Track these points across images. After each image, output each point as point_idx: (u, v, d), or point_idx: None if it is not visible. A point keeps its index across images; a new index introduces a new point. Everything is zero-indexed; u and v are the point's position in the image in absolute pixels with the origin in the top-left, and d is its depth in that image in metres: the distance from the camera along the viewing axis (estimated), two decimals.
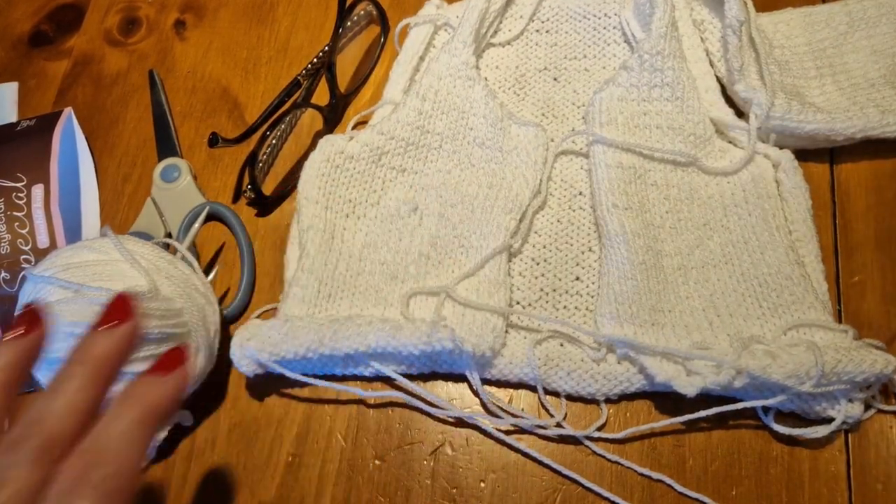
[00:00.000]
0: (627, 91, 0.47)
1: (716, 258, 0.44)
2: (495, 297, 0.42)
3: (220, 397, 0.45)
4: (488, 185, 0.47)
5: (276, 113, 0.50)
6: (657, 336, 0.41)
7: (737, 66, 0.46)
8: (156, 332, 0.37)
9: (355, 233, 0.47)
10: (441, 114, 0.48)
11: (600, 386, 0.41)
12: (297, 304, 0.43)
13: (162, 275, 0.39)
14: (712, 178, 0.46)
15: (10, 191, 0.51)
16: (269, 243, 0.50)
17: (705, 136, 0.46)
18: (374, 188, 0.48)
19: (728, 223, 0.44)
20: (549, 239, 0.46)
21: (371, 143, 0.48)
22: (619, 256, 0.42)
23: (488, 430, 0.41)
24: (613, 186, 0.45)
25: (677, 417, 0.40)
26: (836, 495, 0.39)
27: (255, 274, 0.49)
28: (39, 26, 0.61)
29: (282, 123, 0.52)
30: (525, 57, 0.53)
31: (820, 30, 0.50)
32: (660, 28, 0.46)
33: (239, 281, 0.48)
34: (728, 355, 0.38)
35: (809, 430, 0.39)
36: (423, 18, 0.53)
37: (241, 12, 0.60)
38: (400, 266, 0.45)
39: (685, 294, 0.43)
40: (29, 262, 0.49)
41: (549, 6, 0.54)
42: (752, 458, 0.40)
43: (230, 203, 0.51)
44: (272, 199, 0.51)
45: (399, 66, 0.52)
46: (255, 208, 0.51)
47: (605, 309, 0.42)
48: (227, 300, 0.48)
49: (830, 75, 0.48)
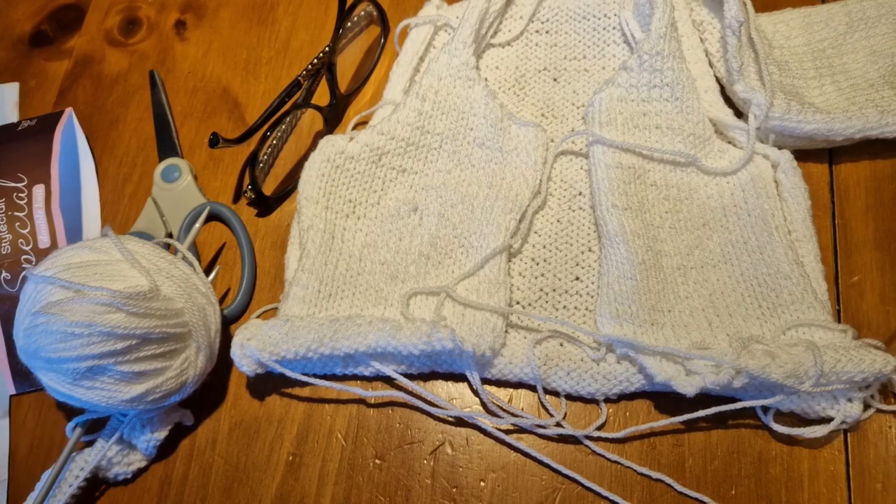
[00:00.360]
0: (627, 91, 0.47)
1: (715, 258, 0.44)
2: (495, 297, 0.43)
3: (220, 397, 0.45)
4: (488, 185, 0.47)
5: (277, 113, 0.50)
6: (656, 336, 0.41)
7: (736, 67, 0.46)
8: (157, 332, 0.37)
9: (355, 233, 0.47)
10: (441, 114, 0.48)
11: (600, 385, 0.41)
12: (297, 303, 0.44)
13: (163, 275, 0.40)
14: (711, 179, 0.46)
15: (11, 191, 0.51)
16: (270, 243, 0.50)
17: (704, 137, 0.46)
18: (374, 188, 0.48)
19: (727, 223, 0.44)
20: (548, 239, 0.46)
21: (371, 143, 0.48)
22: (618, 256, 0.43)
23: (488, 429, 0.42)
24: (613, 186, 0.45)
25: (677, 417, 0.40)
26: (835, 495, 0.39)
27: (256, 274, 0.49)
28: (40, 26, 0.61)
29: (282, 124, 0.52)
30: (525, 57, 0.53)
31: (819, 30, 0.50)
32: (659, 28, 0.46)
33: (239, 281, 0.48)
34: (727, 355, 0.38)
35: (808, 429, 0.39)
36: (423, 19, 0.53)
37: (242, 12, 0.60)
38: (400, 266, 0.45)
39: (685, 294, 0.43)
40: (30, 262, 0.49)
41: (549, 7, 0.54)
42: (751, 458, 0.40)
43: (231, 203, 0.52)
44: (273, 200, 0.51)
45: (399, 66, 0.52)
46: (256, 208, 0.51)
47: (605, 309, 0.42)
48: (228, 300, 0.48)
49: (829, 76, 0.48)
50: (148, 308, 0.37)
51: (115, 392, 0.38)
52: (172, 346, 0.39)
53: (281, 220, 0.51)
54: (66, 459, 0.40)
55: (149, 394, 0.38)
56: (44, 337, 0.36)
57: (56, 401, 0.45)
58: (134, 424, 0.42)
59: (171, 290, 0.39)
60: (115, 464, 0.42)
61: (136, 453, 0.43)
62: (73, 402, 0.39)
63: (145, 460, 0.43)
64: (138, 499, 0.43)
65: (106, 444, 0.41)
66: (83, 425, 0.41)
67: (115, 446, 0.42)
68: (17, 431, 0.46)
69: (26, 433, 0.46)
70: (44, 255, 0.46)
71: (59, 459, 0.40)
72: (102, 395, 0.38)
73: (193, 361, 0.40)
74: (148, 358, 0.38)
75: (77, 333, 0.36)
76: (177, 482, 0.43)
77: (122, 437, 0.42)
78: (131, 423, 0.42)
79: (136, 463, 0.43)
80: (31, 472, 0.44)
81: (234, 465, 0.43)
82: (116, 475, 0.42)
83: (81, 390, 0.37)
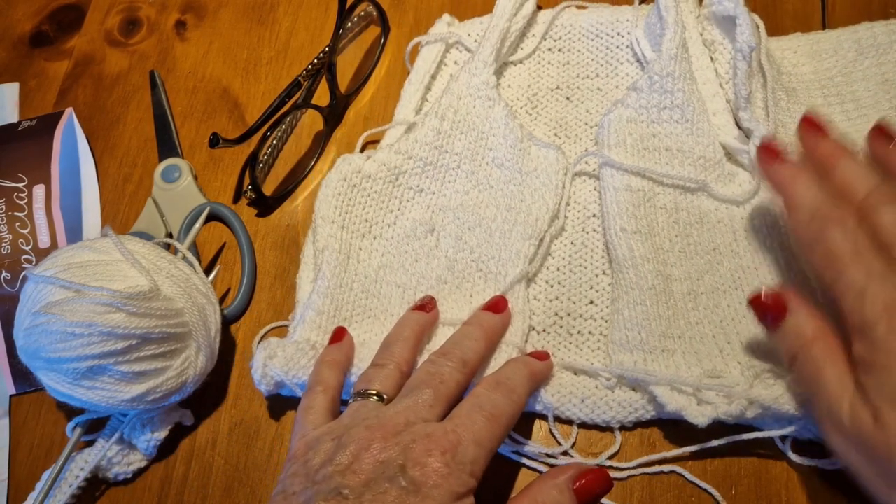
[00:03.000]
0: (637, 112, 0.46)
1: (725, 284, 0.42)
2: (514, 325, 0.42)
3: (220, 397, 0.45)
4: (507, 208, 0.46)
5: (277, 113, 0.50)
6: (667, 362, 0.40)
7: (744, 94, 0.45)
8: (157, 332, 0.37)
9: (371, 253, 0.46)
10: (460, 133, 0.48)
11: (615, 413, 0.40)
12: (313, 329, 0.43)
13: (163, 275, 0.40)
14: (721, 203, 0.45)
15: (12, 191, 0.51)
16: (270, 243, 0.50)
17: (715, 159, 0.45)
18: (391, 208, 0.47)
19: (737, 248, 0.43)
20: (562, 262, 0.45)
21: (389, 162, 0.47)
22: (627, 281, 0.42)
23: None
24: (622, 210, 0.44)
25: (689, 447, 0.39)
26: (835, 494, 0.39)
27: (256, 274, 0.49)
28: (40, 27, 0.62)
29: (282, 124, 0.52)
30: (537, 76, 0.52)
31: (827, 58, 0.49)
32: (670, 49, 0.46)
33: (239, 281, 0.48)
34: (739, 385, 0.37)
35: (828, 461, 0.38)
36: (435, 37, 0.52)
37: (242, 13, 0.60)
38: (417, 290, 0.44)
39: (695, 320, 0.42)
40: (30, 262, 0.49)
41: (562, 25, 0.53)
42: (751, 458, 0.40)
43: (231, 203, 0.52)
44: (273, 200, 0.51)
45: (411, 85, 0.51)
46: (256, 208, 0.51)
47: (616, 335, 0.41)
48: (228, 300, 0.48)
49: (839, 104, 0.47)
50: (148, 308, 0.37)
51: (115, 392, 0.38)
52: (172, 346, 0.39)
53: (281, 220, 0.51)
54: (66, 459, 0.40)
55: (149, 394, 0.38)
56: (44, 337, 0.36)
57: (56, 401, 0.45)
58: (134, 424, 0.42)
59: (172, 290, 0.39)
60: (115, 463, 0.42)
61: (137, 453, 0.43)
62: (74, 403, 0.39)
63: (145, 460, 0.43)
64: (138, 499, 0.43)
65: (106, 444, 0.41)
66: (83, 425, 0.42)
67: (116, 446, 0.42)
68: (17, 431, 0.46)
69: (26, 433, 0.46)
70: (44, 255, 0.46)
71: (60, 459, 0.40)
72: (103, 395, 0.38)
73: (193, 361, 0.40)
74: (148, 358, 0.38)
75: (77, 333, 0.36)
76: (177, 482, 0.43)
77: (123, 436, 0.42)
78: (131, 423, 0.42)
79: (136, 463, 0.43)
80: (31, 472, 0.44)
81: (234, 465, 0.43)
82: (116, 475, 0.42)
83: (82, 390, 0.38)
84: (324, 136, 0.53)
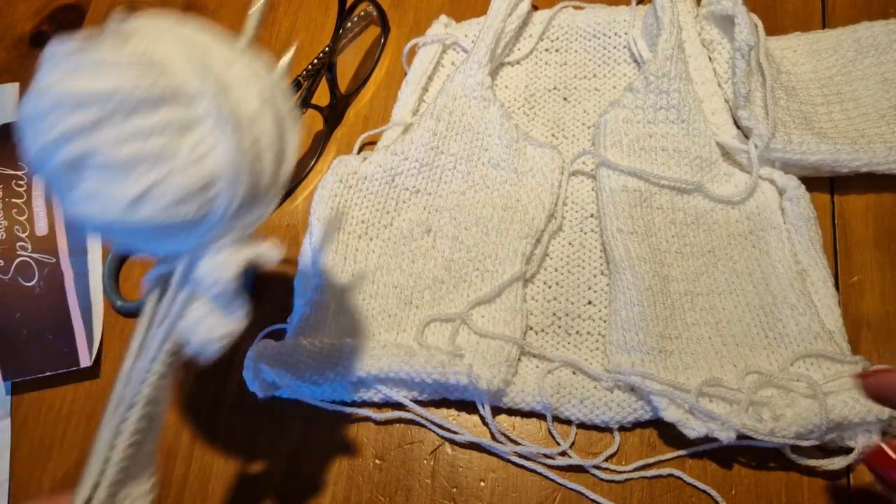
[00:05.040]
0: (633, 113, 0.46)
1: (721, 287, 0.43)
2: (511, 324, 0.42)
3: (220, 397, 0.45)
4: (503, 208, 0.46)
5: None
6: (665, 364, 0.40)
7: (743, 92, 0.45)
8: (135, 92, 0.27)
9: (368, 254, 0.46)
10: (456, 134, 0.48)
11: (614, 414, 0.41)
12: (308, 330, 0.43)
13: None
14: (717, 204, 0.45)
15: (11, 178, 0.51)
16: None
17: (711, 160, 0.45)
18: (387, 209, 0.47)
19: (732, 253, 0.44)
20: (560, 262, 0.45)
21: (385, 163, 0.47)
22: (624, 282, 0.42)
23: (494, 449, 0.41)
24: (618, 210, 0.44)
25: (687, 449, 0.39)
26: (836, 494, 0.39)
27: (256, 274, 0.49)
28: (40, 27, 0.62)
29: None
30: (535, 76, 0.52)
31: (826, 58, 0.48)
32: (666, 50, 0.46)
33: None
34: (733, 409, 0.38)
35: (827, 461, 0.38)
36: (432, 38, 0.52)
37: (242, 13, 0.60)
38: (414, 290, 0.45)
39: (692, 320, 0.42)
40: (25, 249, 0.48)
41: (559, 25, 0.53)
42: (751, 458, 0.40)
43: None
44: None
45: (408, 86, 0.51)
46: None
47: (614, 336, 0.41)
48: None
49: (838, 102, 0.47)
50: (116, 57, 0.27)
51: (107, 197, 0.26)
52: (169, 117, 0.27)
53: (281, 220, 0.51)
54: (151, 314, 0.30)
55: (154, 195, 0.26)
56: (31, 126, 0.27)
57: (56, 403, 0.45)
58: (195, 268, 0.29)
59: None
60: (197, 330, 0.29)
61: (216, 313, 0.29)
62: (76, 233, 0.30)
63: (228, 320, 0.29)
64: None
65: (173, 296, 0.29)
66: (156, 280, 0.30)
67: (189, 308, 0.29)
68: (18, 431, 0.46)
69: (26, 433, 0.46)
70: (41, 242, 0.45)
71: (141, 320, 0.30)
72: (96, 207, 0.27)
73: (211, 145, 0.27)
74: (135, 135, 0.26)
75: (48, 109, 0.26)
76: (177, 482, 0.43)
77: (190, 291, 0.29)
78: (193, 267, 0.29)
79: (220, 327, 0.29)
80: (31, 472, 0.44)
81: (234, 465, 0.43)
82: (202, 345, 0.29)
83: (72, 204, 0.27)
84: (324, 136, 0.53)
